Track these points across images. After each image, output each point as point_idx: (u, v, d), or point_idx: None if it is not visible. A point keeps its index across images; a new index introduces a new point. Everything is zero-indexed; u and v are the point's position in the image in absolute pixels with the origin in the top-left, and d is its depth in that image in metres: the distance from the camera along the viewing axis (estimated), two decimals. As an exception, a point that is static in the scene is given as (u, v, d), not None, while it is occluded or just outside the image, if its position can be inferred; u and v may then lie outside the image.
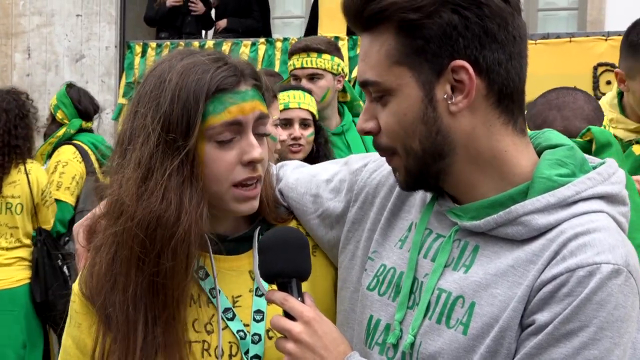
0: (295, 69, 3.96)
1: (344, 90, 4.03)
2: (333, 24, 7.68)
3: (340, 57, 3.91)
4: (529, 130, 1.48)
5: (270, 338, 1.60)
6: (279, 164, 1.82)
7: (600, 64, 6.12)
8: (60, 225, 4.80)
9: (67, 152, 4.95)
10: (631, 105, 2.92)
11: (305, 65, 3.91)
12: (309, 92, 3.57)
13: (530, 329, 1.30)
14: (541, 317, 1.29)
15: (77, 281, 1.64)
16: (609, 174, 1.40)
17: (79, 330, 1.62)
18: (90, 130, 5.35)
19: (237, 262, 1.65)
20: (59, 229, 4.80)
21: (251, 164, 1.57)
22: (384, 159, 1.54)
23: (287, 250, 1.51)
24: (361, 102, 3.88)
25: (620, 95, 2.99)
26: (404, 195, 1.57)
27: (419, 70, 1.35)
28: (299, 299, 1.48)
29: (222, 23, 8.11)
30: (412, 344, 1.41)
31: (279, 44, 7.69)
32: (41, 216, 4.71)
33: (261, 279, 1.58)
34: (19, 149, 4.57)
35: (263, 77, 1.65)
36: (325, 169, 1.75)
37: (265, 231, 1.65)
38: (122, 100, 8.28)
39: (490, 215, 1.37)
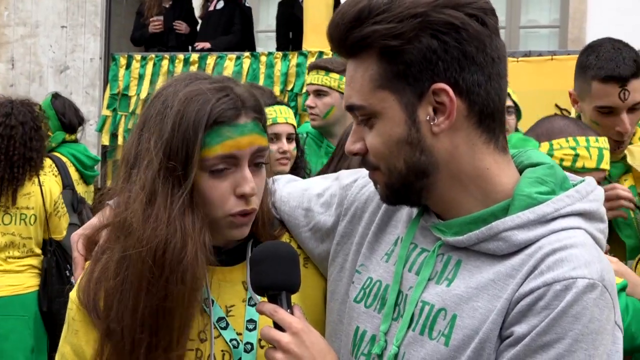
0: (307, 84, 4.26)
1: None
2: (318, 38, 7.73)
3: None
4: (510, 150, 1.52)
5: (262, 347, 1.64)
6: (272, 177, 1.85)
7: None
8: None
9: (44, 166, 4.94)
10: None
11: (312, 82, 4.11)
12: (288, 105, 3.75)
13: (509, 340, 1.33)
14: (519, 329, 1.32)
15: (74, 289, 1.67)
16: (587, 191, 1.43)
17: (76, 338, 1.64)
18: (74, 141, 5.35)
19: (231, 273, 1.70)
20: None
21: (243, 197, 1.60)
22: None
23: (278, 264, 1.55)
24: None
25: (579, 115, 3.04)
26: (391, 210, 1.61)
27: (402, 93, 1.39)
28: (289, 310, 1.51)
29: (204, 45, 8.12)
30: (396, 355, 1.44)
31: (263, 58, 7.73)
32: (52, 226, 4.70)
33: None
34: (34, 161, 4.57)
35: (264, 110, 1.68)
36: (316, 184, 1.80)
37: (257, 244, 1.70)
38: (105, 112, 8.29)
39: (473, 231, 1.41)
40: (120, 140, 8.20)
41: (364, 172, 1.68)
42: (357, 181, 1.71)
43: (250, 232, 1.70)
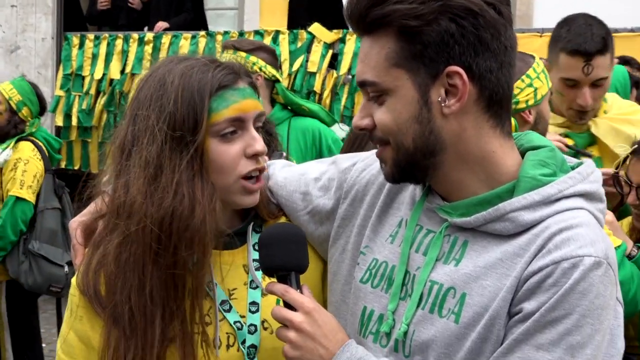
0: None
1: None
2: (274, 18, 7.71)
3: (264, 58, 3.92)
4: (514, 133, 1.57)
5: (265, 329, 1.69)
6: (266, 162, 1.87)
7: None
8: (23, 225, 4.74)
9: (26, 150, 4.86)
10: (555, 99, 3.06)
11: None
12: None
13: (518, 316, 1.38)
14: (528, 306, 1.37)
15: (76, 276, 1.68)
16: (587, 173, 1.48)
17: (81, 324, 1.66)
18: None
19: (232, 256, 1.72)
20: (22, 228, 4.74)
21: (255, 156, 1.64)
22: (372, 158, 1.65)
23: (286, 245, 1.58)
24: (305, 107, 3.90)
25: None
26: (394, 193, 1.65)
27: (416, 73, 1.42)
28: (298, 290, 1.55)
29: (161, 26, 8.05)
30: (406, 333, 1.49)
31: (219, 37, 7.68)
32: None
33: (255, 272, 1.68)
34: None
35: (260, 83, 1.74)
36: (312, 168, 1.83)
37: (258, 227, 1.76)
38: (59, 92, 8.18)
39: (479, 212, 1.45)
40: (74, 121, 8.11)
41: (362, 156, 1.75)
42: (355, 165, 1.75)
43: (249, 215, 1.74)
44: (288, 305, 1.53)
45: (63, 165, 8.16)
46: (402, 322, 1.48)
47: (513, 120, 2.50)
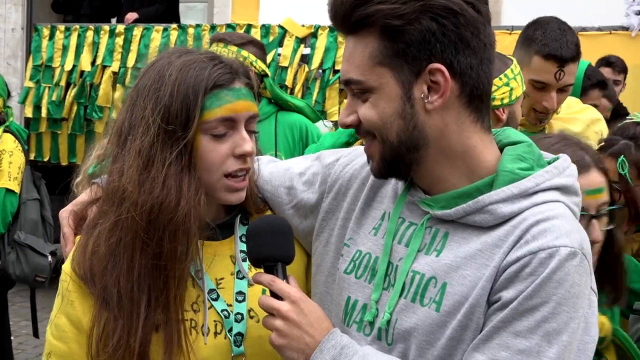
0: None
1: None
2: (246, 11, 7.71)
3: (255, 52, 3.93)
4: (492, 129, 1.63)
5: (251, 317, 1.74)
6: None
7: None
8: (10, 216, 4.70)
9: (9, 141, 4.81)
10: None
11: None
12: None
13: (497, 305, 1.43)
14: (506, 294, 1.41)
15: (67, 262, 1.71)
16: (563, 167, 1.54)
17: (72, 308, 1.69)
18: None
19: (220, 247, 1.78)
20: (9, 220, 4.69)
21: (242, 156, 1.68)
22: (355, 153, 1.75)
23: (273, 237, 1.62)
24: (291, 103, 3.92)
25: None
26: (376, 187, 1.70)
27: (399, 71, 1.47)
28: (284, 280, 1.60)
29: (131, 17, 8.02)
30: (389, 321, 1.53)
31: (191, 30, 7.67)
32: None
33: (242, 263, 1.75)
34: None
35: (253, 77, 1.77)
36: (297, 164, 1.89)
37: (244, 219, 1.82)
38: (28, 84, 8.11)
39: (459, 204, 1.50)
40: (44, 113, 8.05)
41: (345, 152, 1.80)
42: (339, 160, 1.80)
43: (236, 208, 1.79)
44: (275, 295, 1.57)
45: (32, 157, 8.10)
46: (385, 311, 1.53)
47: None
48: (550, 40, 2.95)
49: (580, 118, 3.24)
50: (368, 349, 1.53)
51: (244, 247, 1.76)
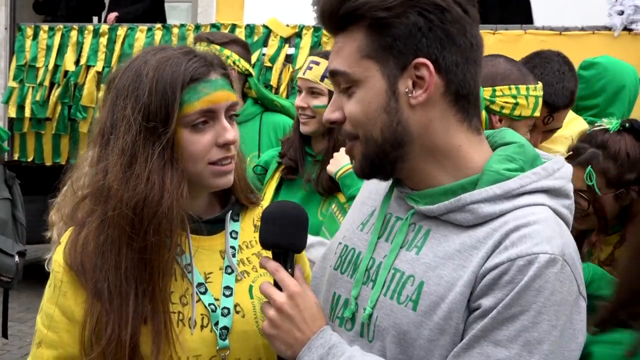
0: None
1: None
2: (230, 11, 7.70)
3: (238, 51, 3.93)
4: (488, 130, 1.63)
5: (237, 312, 1.78)
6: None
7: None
8: None
9: None
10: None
11: None
12: None
13: (477, 313, 1.41)
14: (486, 302, 1.40)
15: (59, 252, 1.74)
16: (553, 169, 1.52)
17: (64, 299, 1.72)
18: None
19: (210, 242, 1.82)
20: None
21: (225, 145, 1.73)
22: None
23: (286, 224, 1.63)
24: (277, 103, 3.92)
25: None
26: (371, 186, 1.72)
27: (385, 64, 1.47)
28: (289, 270, 1.60)
29: (112, 16, 7.99)
30: (370, 316, 1.54)
31: (175, 30, 7.65)
32: None
33: (232, 258, 1.80)
34: None
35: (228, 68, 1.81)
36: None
37: (235, 215, 1.88)
38: (12, 84, 8.07)
39: (443, 201, 1.49)
40: (27, 112, 8.01)
41: None
42: None
43: (229, 202, 1.85)
44: (277, 284, 1.58)
45: (16, 157, 8.06)
46: (367, 306, 1.53)
47: (484, 114, 2.54)
48: (545, 84, 2.90)
49: (564, 135, 3.22)
50: (355, 350, 1.53)
51: (234, 242, 1.83)
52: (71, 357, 1.71)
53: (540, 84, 2.65)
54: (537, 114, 2.63)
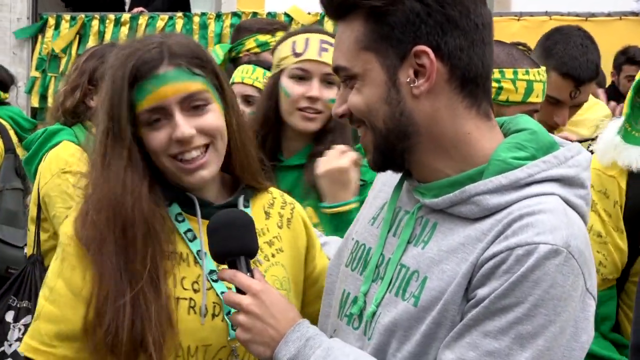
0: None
1: None
2: (251, -1, 7.67)
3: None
4: (503, 117, 1.57)
5: None
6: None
7: (512, 44, 6.30)
8: None
9: None
10: None
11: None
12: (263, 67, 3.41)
13: (471, 302, 1.38)
14: (481, 292, 1.36)
15: (68, 224, 1.74)
16: (565, 157, 1.44)
17: (72, 273, 1.70)
18: (6, 103, 5.20)
19: None
20: None
21: (181, 141, 1.69)
22: None
23: (233, 230, 1.61)
24: None
25: None
26: (384, 178, 1.68)
27: (385, 55, 1.43)
28: (248, 274, 1.57)
29: (137, 10, 7.98)
30: (374, 314, 1.50)
31: (196, 19, 7.63)
32: None
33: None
34: None
35: (203, 53, 1.77)
36: None
37: (246, 200, 1.84)
38: (34, 73, 8.09)
39: (448, 194, 1.44)
40: (50, 102, 8.02)
41: None
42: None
43: (238, 185, 1.84)
44: (241, 291, 1.55)
45: (39, 146, 8.09)
46: (372, 304, 1.49)
47: None
48: (569, 58, 2.89)
49: (589, 118, 3.18)
50: (335, 342, 1.50)
51: None
52: (73, 335, 1.66)
53: (542, 68, 2.56)
54: (535, 99, 2.50)
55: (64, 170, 3.07)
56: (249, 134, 1.85)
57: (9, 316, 3.46)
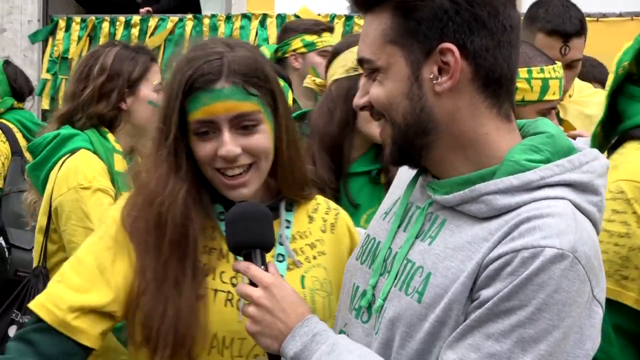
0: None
1: None
2: (262, 0, 7.67)
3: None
4: (523, 120, 1.56)
5: None
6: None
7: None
8: None
9: None
10: None
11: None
12: None
13: (475, 303, 1.37)
14: (486, 293, 1.35)
15: (117, 209, 1.81)
16: (580, 162, 1.43)
17: (106, 252, 1.74)
18: (19, 108, 5.21)
19: None
20: None
21: (225, 158, 1.73)
22: None
23: (250, 223, 1.62)
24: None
25: None
26: (402, 174, 1.68)
27: (410, 49, 1.43)
28: (263, 267, 1.58)
29: (144, 10, 7.99)
30: (381, 308, 1.50)
31: (206, 20, 7.63)
32: None
33: (288, 245, 1.83)
34: None
35: (262, 71, 1.78)
36: None
37: (289, 204, 1.89)
38: (45, 76, 8.11)
39: (459, 191, 1.44)
40: (61, 104, 8.05)
41: None
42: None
43: (281, 193, 1.89)
44: (254, 283, 1.56)
45: (50, 148, 8.11)
46: (379, 298, 1.49)
47: None
48: (553, 16, 2.96)
49: (593, 100, 3.20)
50: (341, 338, 1.49)
51: (287, 232, 1.84)
52: (88, 307, 1.68)
53: (558, 64, 2.55)
54: (552, 97, 2.49)
55: (82, 186, 2.92)
56: (300, 151, 1.88)
57: (12, 331, 3.39)
